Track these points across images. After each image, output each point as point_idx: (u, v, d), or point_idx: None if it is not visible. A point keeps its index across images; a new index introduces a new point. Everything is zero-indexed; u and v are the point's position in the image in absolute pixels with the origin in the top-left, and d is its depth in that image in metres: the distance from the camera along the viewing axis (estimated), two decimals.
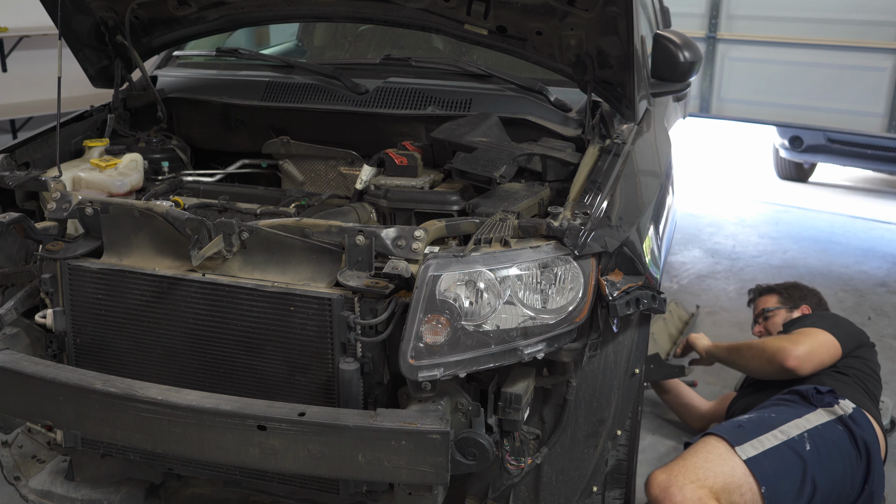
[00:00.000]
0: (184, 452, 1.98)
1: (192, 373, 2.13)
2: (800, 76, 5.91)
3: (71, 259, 2.16)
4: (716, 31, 6.14)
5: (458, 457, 1.98)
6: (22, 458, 2.50)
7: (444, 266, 1.90)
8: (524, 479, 2.22)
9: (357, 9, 2.66)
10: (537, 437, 2.23)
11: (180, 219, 2.09)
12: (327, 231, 2.05)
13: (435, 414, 1.89)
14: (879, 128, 5.70)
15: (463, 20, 2.53)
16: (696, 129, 6.73)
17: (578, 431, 2.18)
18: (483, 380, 2.10)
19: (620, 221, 2.12)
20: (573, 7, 2.31)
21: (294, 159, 2.88)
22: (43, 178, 2.37)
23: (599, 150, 2.43)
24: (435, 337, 1.88)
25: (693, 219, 6.49)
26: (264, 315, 2.04)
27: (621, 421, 2.19)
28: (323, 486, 2.13)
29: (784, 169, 7.74)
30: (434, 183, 2.48)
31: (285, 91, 2.88)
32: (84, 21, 2.76)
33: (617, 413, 2.18)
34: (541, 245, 1.98)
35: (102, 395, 1.94)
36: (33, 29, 5.49)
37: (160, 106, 2.93)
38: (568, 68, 2.54)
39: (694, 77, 3.05)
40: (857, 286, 5.20)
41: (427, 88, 2.78)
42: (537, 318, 1.95)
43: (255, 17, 2.83)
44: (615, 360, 2.15)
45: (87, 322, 2.19)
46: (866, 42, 5.58)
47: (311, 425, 1.83)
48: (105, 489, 2.42)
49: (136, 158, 2.64)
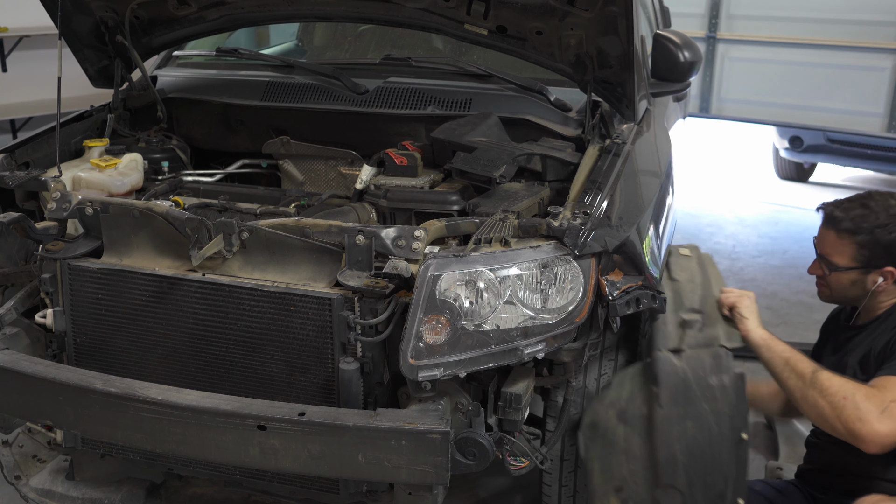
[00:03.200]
0: (184, 452, 1.98)
1: (192, 373, 2.13)
2: (800, 76, 5.90)
3: (71, 259, 2.16)
4: (716, 31, 6.14)
5: (458, 457, 1.98)
6: (22, 457, 2.50)
7: (444, 266, 1.91)
8: None
9: (357, 9, 2.66)
10: (537, 436, 2.23)
11: (180, 219, 2.09)
12: (327, 231, 2.05)
13: (435, 414, 1.89)
14: (879, 128, 5.70)
15: (463, 20, 2.54)
16: (696, 129, 6.73)
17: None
18: (483, 380, 2.10)
19: (620, 221, 2.12)
20: (573, 7, 2.31)
21: (294, 159, 2.88)
22: (43, 178, 2.37)
23: (599, 150, 2.43)
24: (435, 337, 1.88)
25: (693, 219, 6.49)
26: (264, 315, 2.04)
27: (740, 489, 2.01)
28: (323, 486, 2.13)
29: (784, 169, 7.73)
30: (434, 183, 2.48)
31: (285, 91, 2.87)
32: (84, 21, 2.77)
33: (734, 483, 2.01)
34: (541, 245, 1.98)
35: (102, 395, 1.94)
36: (33, 29, 5.48)
37: (160, 106, 2.93)
38: (568, 68, 2.54)
39: (694, 77, 3.05)
40: None
41: (427, 88, 2.78)
42: (537, 317, 1.95)
43: (255, 17, 2.83)
44: (719, 430, 2.00)
45: (87, 322, 2.19)
46: (866, 42, 5.58)
47: (311, 425, 1.83)
48: (106, 488, 2.42)
49: (136, 158, 2.65)
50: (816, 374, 2.04)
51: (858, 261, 2.25)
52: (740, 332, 2.20)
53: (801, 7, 5.77)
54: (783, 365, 2.11)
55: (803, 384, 2.05)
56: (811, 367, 2.07)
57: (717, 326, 2.20)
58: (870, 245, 2.23)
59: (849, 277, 2.28)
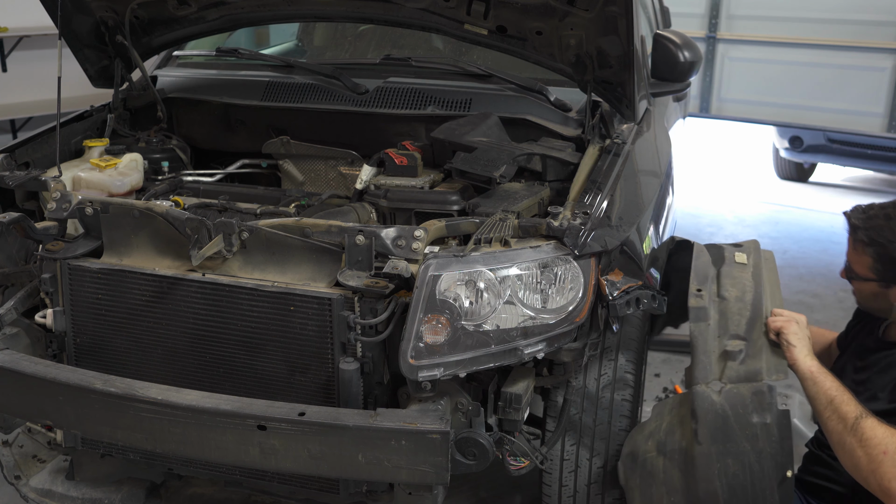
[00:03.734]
0: (184, 452, 1.98)
1: (192, 373, 2.13)
2: (800, 76, 5.91)
3: (71, 259, 2.16)
4: (716, 31, 6.14)
5: (458, 457, 1.98)
6: (22, 457, 2.50)
7: (444, 266, 1.91)
8: None
9: (357, 9, 2.66)
10: (537, 436, 2.23)
11: (180, 219, 2.09)
12: (327, 231, 2.05)
13: (435, 414, 1.89)
14: (879, 128, 5.70)
15: (463, 20, 2.54)
16: (696, 129, 6.73)
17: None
18: (483, 380, 2.10)
19: (620, 221, 2.12)
20: (573, 7, 2.31)
21: (294, 159, 2.88)
22: (43, 178, 2.37)
23: (599, 150, 2.43)
24: (435, 337, 1.88)
25: (693, 219, 6.48)
26: (264, 315, 2.04)
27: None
28: (323, 486, 2.13)
29: (784, 169, 7.74)
30: (434, 183, 2.48)
31: (285, 91, 2.87)
32: (84, 21, 2.77)
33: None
34: (541, 245, 1.98)
35: (102, 395, 1.94)
36: (33, 29, 5.48)
37: (160, 106, 2.93)
38: (568, 68, 2.54)
39: (694, 77, 3.05)
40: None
41: (427, 88, 2.78)
42: (537, 317, 1.95)
43: (255, 17, 2.83)
44: (761, 469, 1.92)
45: (87, 322, 2.19)
46: (866, 42, 5.58)
47: (311, 425, 1.83)
48: (106, 488, 2.42)
49: (136, 158, 2.65)
50: (859, 422, 1.90)
51: (875, 273, 2.15)
52: (787, 360, 2.06)
53: (801, 7, 5.77)
54: (827, 403, 1.97)
55: (843, 428, 1.91)
56: (855, 412, 1.92)
57: (761, 357, 2.06)
58: (884, 259, 2.12)
59: (869, 289, 2.19)
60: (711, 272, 2.32)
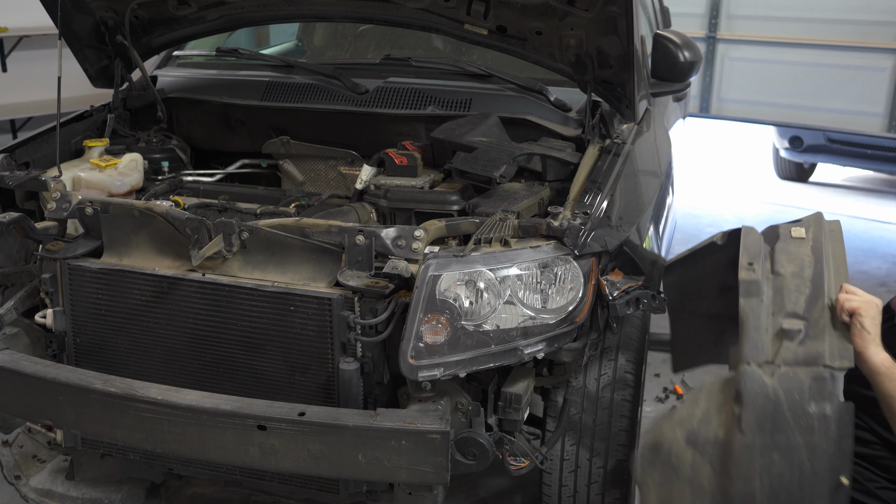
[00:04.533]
0: (184, 452, 1.98)
1: (192, 373, 2.13)
2: (800, 76, 5.90)
3: (71, 259, 2.16)
4: (716, 31, 6.13)
5: (458, 457, 1.98)
6: (22, 457, 2.50)
7: (444, 266, 1.91)
8: None
9: (357, 9, 2.67)
10: (537, 436, 2.23)
11: (180, 219, 2.09)
12: (327, 231, 2.05)
13: (435, 414, 1.89)
14: (879, 128, 5.69)
15: (463, 20, 2.54)
16: (696, 129, 6.73)
17: None
18: (483, 380, 2.10)
19: (620, 221, 2.12)
20: (573, 7, 2.31)
21: (294, 159, 2.88)
22: (43, 178, 2.37)
23: (599, 150, 2.44)
24: (435, 337, 1.88)
25: (693, 219, 6.48)
26: (264, 315, 2.04)
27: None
28: (323, 486, 2.13)
29: (784, 169, 7.73)
30: (434, 183, 2.48)
31: (285, 91, 2.88)
32: (84, 21, 2.77)
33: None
34: (541, 245, 1.98)
35: (102, 395, 1.94)
36: (33, 29, 5.48)
37: (160, 106, 2.93)
38: (568, 68, 2.54)
39: (694, 77, 3.05)
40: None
41: (427, 88, 2.78)
42: (537, 317, 1.95)
43: (255, 17, 2.83)
44: (813, 469, 1.65)
45: (87, 322, 2.19)
46: (866, 42, 5.58)
47: (311, 425, 1.83)
48: (106, 488, 2.42)
49: (136, 158, 2.65)
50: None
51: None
52: (856, 348, 1.76)
53: (801, 7, 5.77)
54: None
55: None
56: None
57: (823, 339, 1.76)
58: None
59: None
60: (764, 249, 2.00)
